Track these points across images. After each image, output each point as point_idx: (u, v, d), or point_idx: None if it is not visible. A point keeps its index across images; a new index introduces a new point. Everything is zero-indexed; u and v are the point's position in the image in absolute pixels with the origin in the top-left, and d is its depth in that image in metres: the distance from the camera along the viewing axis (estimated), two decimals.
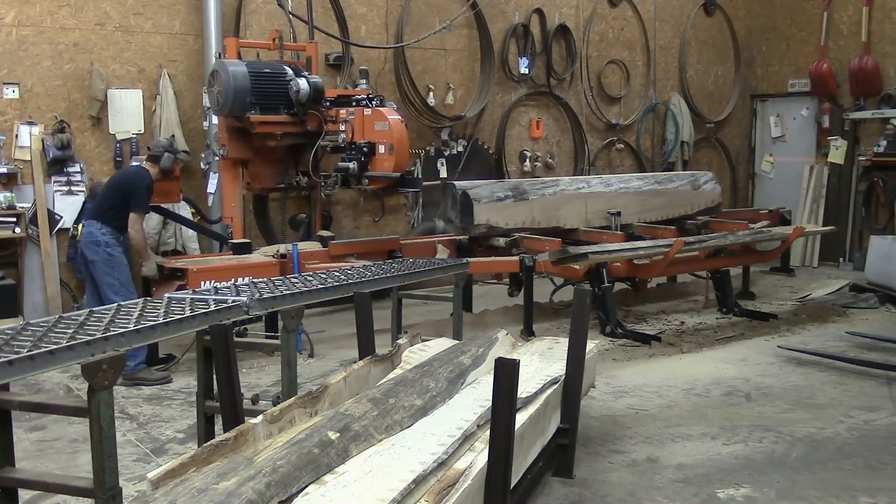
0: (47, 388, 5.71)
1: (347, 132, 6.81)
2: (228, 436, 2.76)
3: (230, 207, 7.22)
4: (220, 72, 6.64)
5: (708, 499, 3.93)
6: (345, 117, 6.86)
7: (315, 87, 6.78)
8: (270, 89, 6.72)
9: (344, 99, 7.15)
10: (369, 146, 6.65)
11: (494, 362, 2.92)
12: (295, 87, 6.73)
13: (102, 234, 5.96)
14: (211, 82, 6.77)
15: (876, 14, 10.65)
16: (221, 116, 6.91)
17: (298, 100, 6.74)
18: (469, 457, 2.93)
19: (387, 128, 6.60)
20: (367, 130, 6.71)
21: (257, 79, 6.66)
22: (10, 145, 7.24)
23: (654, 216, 8.70)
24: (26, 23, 7.26)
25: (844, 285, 8.79)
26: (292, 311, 3.90)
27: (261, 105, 6.68)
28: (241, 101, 6.58)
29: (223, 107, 6.68)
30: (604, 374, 5.82)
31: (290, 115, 6.83)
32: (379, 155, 6.64)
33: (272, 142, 6.98)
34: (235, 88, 6.54)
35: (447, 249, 7.51)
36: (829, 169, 11.10)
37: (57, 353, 2.78)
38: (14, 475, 3.09)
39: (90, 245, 5.97)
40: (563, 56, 10.51)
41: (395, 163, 6.57)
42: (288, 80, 6.78)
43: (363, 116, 6.75)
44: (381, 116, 6.66)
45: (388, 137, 6.59)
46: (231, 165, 7.11)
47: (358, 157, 6.66)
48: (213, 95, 6.77)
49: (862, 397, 5.52)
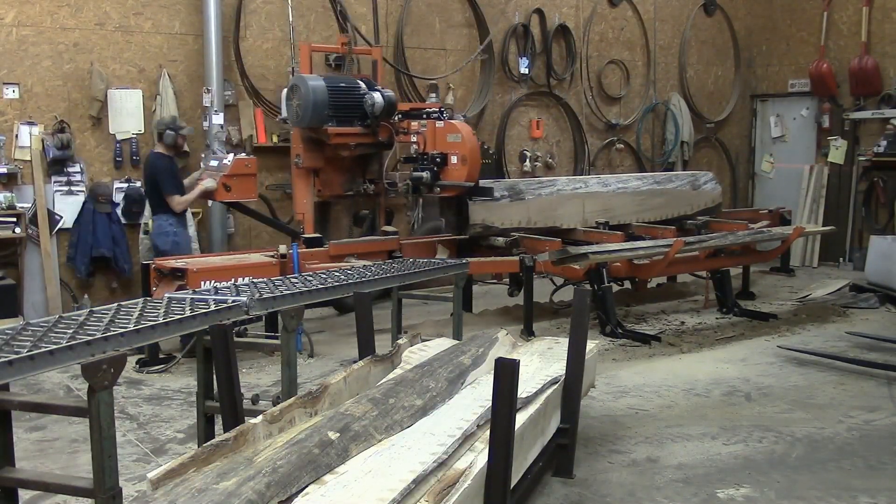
0: (47, 388, 5.71)
1: (419, 143, 7.23)
2: (228, 436, 2.76)
3: (302, 205, 7.59)
4: (300, 86, 7.01)
5: (708, 499, 3.93)
6: (416, 129, 7.28)
7: (389, 100, 7.21)
8: (346, 102, 7.13)
9: (415, 112, 7.57)
10: (442, 156, 7.06)
11: (494, 362, 2.92)
12: (370, 101, 7.14)
13: (170, 224, 6.69)
14: (290, 96, 7.14)
15: (876, 14, 10.65)
16: (300, 128, 7.28)
17: (373, 112, 7.16)
18: (469, 457, 2.93)
19: (459, 139, 7.01)
20: (438, 142, 7.12)
21: (334, 93, 7.06)
22: (10, 145, 7.24)
23: (654, 216, 8.70)
24: (26, 23, 7.26)
25: (844, 285, 8.79)
26: (292, 311, 3.90)
27: (337, 117, 7.10)
28: (320, 114, 6.98)
29: (302, 119, 7.06)
30: (604, 374, 5.82)
31: (363, 126, 7.26)
32: (451, 165, 7.05)
33: (346, 152, 7.40)
34: (315, 102, 6.93)
35: (447, 249, 7.51)
36: (829, 169, 11.10)
37: (57, 353, 2.78)
38: (14, 475, 3.09)
39: (160, 236, 6.71)
40: (563, 56, 10.51)
41: (468, 172, 6.99)
42: (362, 93, 7.20)
43: (435, 128, 7.16)
44: (454, 129, 7.08)
45: (461, 148, 7.01)
46: (304, 173, 7.52)
47: (431, 167, 7.05)
48: (291, 108, 7.14)
49: (862, 397, 5.52)
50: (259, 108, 8.39)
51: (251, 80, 8.31)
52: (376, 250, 7.20)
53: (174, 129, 6.75)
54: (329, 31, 8.79)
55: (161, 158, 6.74)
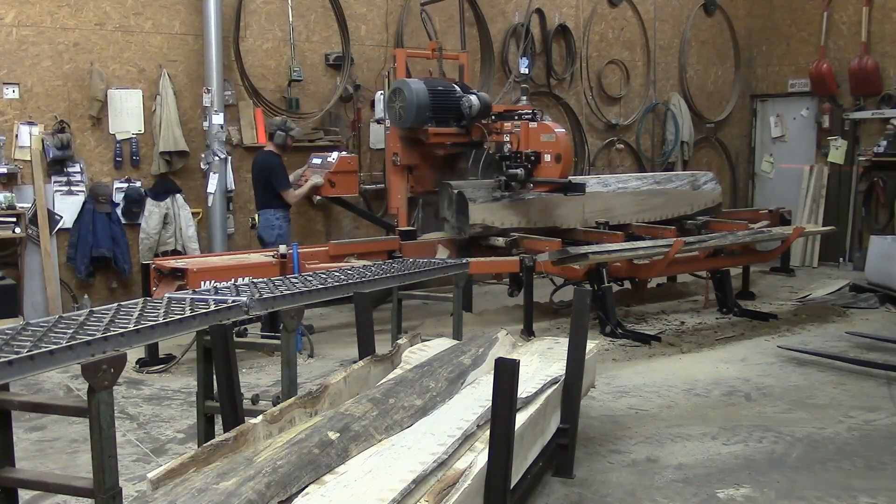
0: (47, 388, 5.71)
1: (512, 143, 7.58)
2: (228, 436, 2.76)
3: (396, 200, 8.08)
4: (403, 89, 7.50)
5: (708, 499, 3.93)
6: (509, 129, 7.64)
7: (484, 103, 7.67)
8: (444, 105, 7.61)
9: (507, 113, 7.95)
10: (535, 155, 7.43)
11: (494, 362, 2.92)
12: (467, 103, 7.58)
13: (276, 218, 7.27)
14: (392, 98, 7.64)
15: (876, 14, 10.65)
16: (400, 128, 7.75)
17: (470, 114, 7.59)
18: (469, 457, 2.93)
19: (553, 139, 7.34)
20: (531, 141, 7.48)
21: (434, 96, 7.54)
22: (10, 145, 7.24)
23: (654, 216, 8.69)
24: (26, 23, 7.26)
25: (844, 285, 8.79)
26: (292, 311, 3.90)
27: (436, 119, 7.58)
28: (421, 116, 7.48)
29: (405, 120, 7.55)
30: (604, 374, 5.82)
31: (459, 127, 7.74)
32: (544, 163, 7.41)
33: (441, 150, 7.89)
34: (417, 104, 7.43)
35: (447, 249, 7.51)
36: (829, 169, 11.10)
37: (57, 353, 2.77)
38: (14, 475, 3.09)
39: (267, 229, 7.27)
40: (563, 56, 10.51)
41: (562, 170, 7.30)
42: (458, 96, 7.67)
43: (528, 129, 7.51)
44: (548, 129, 7.43)
45: (555, 147, 7.32)
46: (400, 170, 7.98)
47: (525, 165, 7.43)
48: (394, 110, 7.63)
49: (862, 397, 5.52)
50: (259, 108, 8.39)
51: (251, 80, 8.31)
52: (376, 250, 7.21)
53: (284, 131, 7.30)
54: (329, 31, 8.79)
55: (273, 157, 7.29)
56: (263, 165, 7.31)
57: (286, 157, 7.46)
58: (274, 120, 7.58)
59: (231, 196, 8.19)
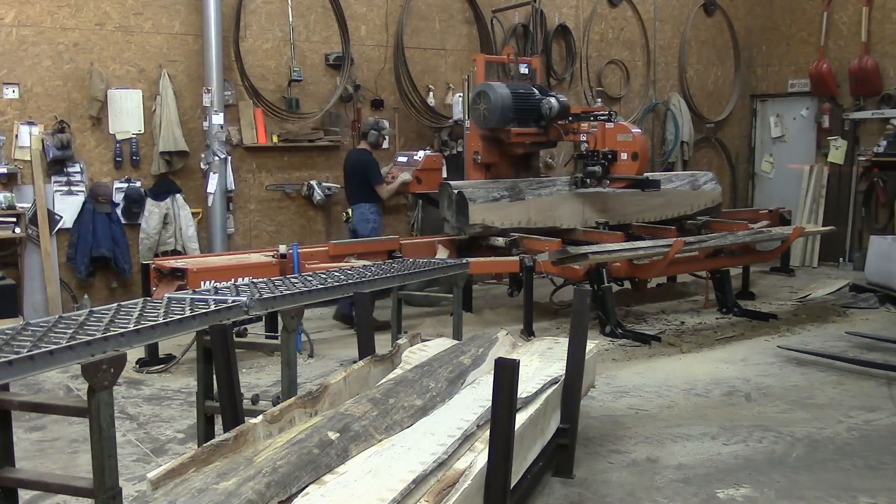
0: (47, 388, 5.71)
1: (590, 142, 8.07)
2: (228, 436, 2.76)
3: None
4: (487, 93, 7.85)
5: (708, 499, 3.93)
6: (587, 129, 8.11)
7: (563, 105, 8.03)
8: (525, 106, 7.96)
9: (584, 114, 8.33)
10: (612, 153, 7.92)
11: (494, 362, 2.92)
12: (547, 105, 7.94)
13: (371, 212, 7.70)
14: (476, 101, 7.98)
15: (876, 14, 10.65)
16: (483, 128, 8.08)
17: (549, 115, 7.95)
18: (469, 457, 2.93)
19: (630, 139, 7.86)
20: (608, 140, 7.98)
21: (517, 98, 7.88)
22: (10, 145, 7.24)
23: (654, 216, 8.69)
24: (26, 23, 7.26)
25: (844, 285, 8.79)
26: (292, 311, 3.90)
27: (517, 119, 7.93)
28: (505, 117, 7.83)
29: (489, 121, 7.90)
30: (604, 374, 5.82)
31: (538, 127, 8.10)
32: (621, 161, 7.92)
33: (521, 149, 8.28)
34: (502, 107, 7.77)
35: (447, 249, 7.51)
36: (829, 169, 11.10)
37: (57, 353, 2.77)
38: (14, 475, 3.09)
39: (362, 223, 7.66)
40: (563, 56, 10.51)
41: (638, 168, 7.83)
42: (538, 98, 8.02)
43: (605, 129, 8.00)
44: (625, 129, 7.95)
45: (632, 147, 7.83)
46: (480, 168, 8.35)
47: (602, 163, 7.94)
48: (478, 111, 7.98)
49: (862, 397, 5.52)
50: (259, 108, 8.39)
51: (251, 80, 8.31)
52: (376, 250, 7.21)
53: (377, 130, 7.81)
54: (329, 31, 8.79)
55: (367, 154, 7.76)
56: (358, 162, 7.74)
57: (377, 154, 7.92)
58: (367, 120, 8.08)
59: (231, 196, 8.20)
